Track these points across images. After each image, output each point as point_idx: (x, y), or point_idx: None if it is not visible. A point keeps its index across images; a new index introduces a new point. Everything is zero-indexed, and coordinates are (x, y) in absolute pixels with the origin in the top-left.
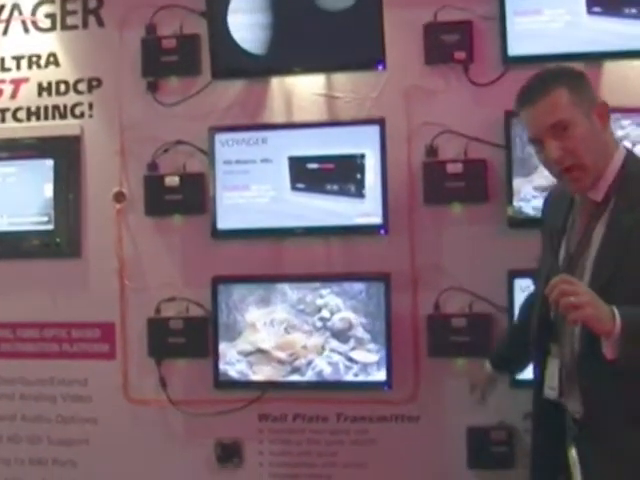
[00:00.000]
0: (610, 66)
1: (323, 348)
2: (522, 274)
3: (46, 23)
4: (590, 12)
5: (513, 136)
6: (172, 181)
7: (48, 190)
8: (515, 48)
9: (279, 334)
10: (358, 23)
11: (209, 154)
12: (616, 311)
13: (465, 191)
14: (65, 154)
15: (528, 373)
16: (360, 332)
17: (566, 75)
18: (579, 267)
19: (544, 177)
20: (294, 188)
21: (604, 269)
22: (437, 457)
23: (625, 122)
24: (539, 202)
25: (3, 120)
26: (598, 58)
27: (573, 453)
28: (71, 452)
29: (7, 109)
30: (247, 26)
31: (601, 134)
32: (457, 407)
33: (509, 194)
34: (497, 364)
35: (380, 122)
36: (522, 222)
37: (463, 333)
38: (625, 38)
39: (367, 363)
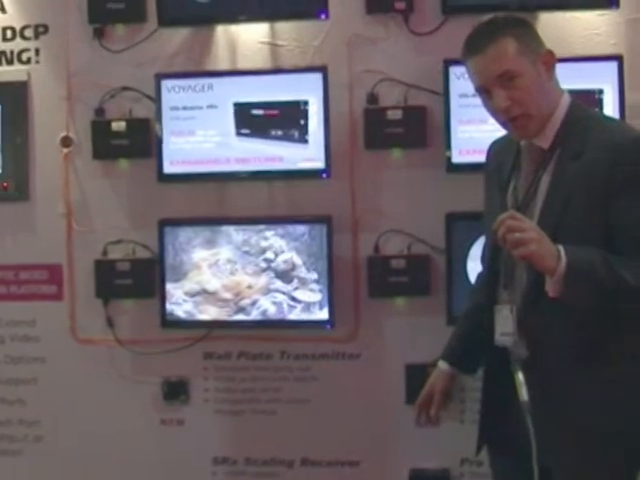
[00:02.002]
0: (546, 17)
1: (267, 288)
2: (459, 217)
3: None
4: None
5: (451, 84)
6: (119, 126)
7: None
8: None
9: (224, 275)
10: None
11: (156, 100)
12: (562, 250)
13: (405, 137)
14: (12, 100)
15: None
16: (303, 273)
17: (513, 24)
18: (527, 215)
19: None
20: (239, 134)
21: (551, 217)
22: (377, 393)
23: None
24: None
25: None
26: (534, 9)
27: (519, 376)
28: (20, 391)
29: None
30: None
31: (547, 82)
32: (396, 345)
33: (447, 140)
34: (454, 360)
35: (323, 70)
36: (459, 167)
37: (402, 274)
38: None
39: (310, 302)
